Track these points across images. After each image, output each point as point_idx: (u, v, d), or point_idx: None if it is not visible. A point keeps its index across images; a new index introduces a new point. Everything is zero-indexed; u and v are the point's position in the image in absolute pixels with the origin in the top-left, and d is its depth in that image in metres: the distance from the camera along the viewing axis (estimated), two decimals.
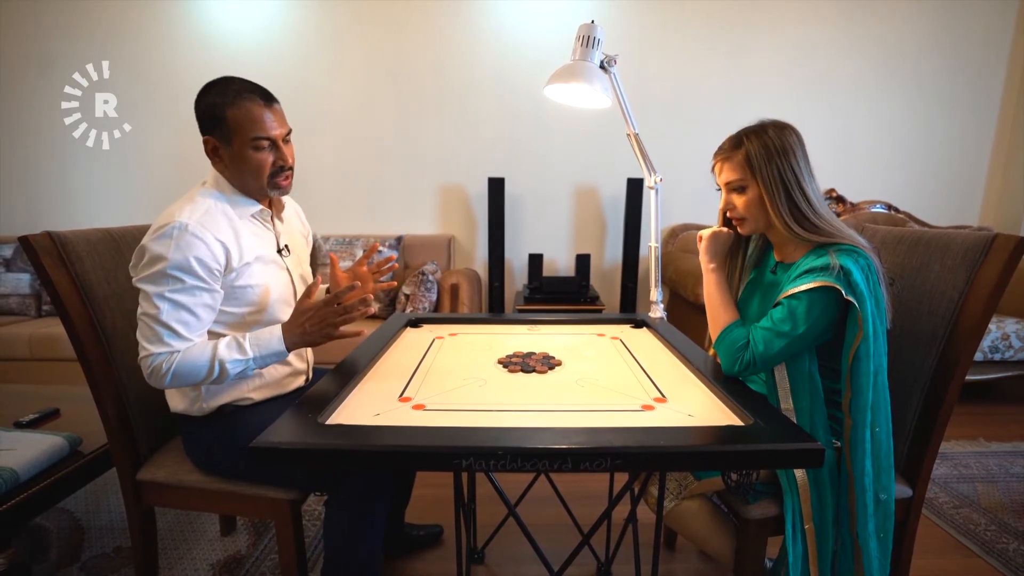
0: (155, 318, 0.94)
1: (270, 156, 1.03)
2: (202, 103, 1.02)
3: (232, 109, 0.99)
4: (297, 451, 0.72)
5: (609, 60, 1.24)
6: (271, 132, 1.02)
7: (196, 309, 0.97)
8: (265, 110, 1.02)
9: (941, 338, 1.02)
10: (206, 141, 1.03)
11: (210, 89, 1.03)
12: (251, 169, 1.03)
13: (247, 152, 1.01)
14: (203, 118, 1.02)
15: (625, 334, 1.36)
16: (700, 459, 0.75)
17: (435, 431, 0.77)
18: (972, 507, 1.66)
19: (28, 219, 3.01)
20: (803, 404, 0.99)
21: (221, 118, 1.00)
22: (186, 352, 0.96)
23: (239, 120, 0.99)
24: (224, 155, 1.03)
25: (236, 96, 1.00)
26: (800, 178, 0.98)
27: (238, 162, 1.03)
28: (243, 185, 1.07)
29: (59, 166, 2.99)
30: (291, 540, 1.06)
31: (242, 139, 1.00)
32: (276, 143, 1.03)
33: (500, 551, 1.46)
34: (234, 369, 0.98)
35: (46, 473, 1.13)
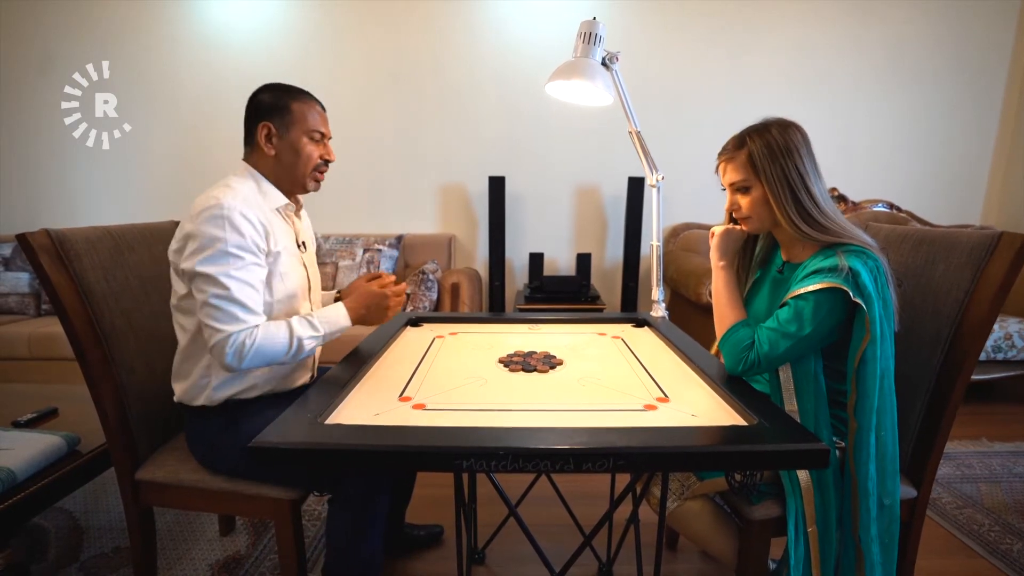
0: (227, 297, 0.95)
1: (318, 149, 1.12)
2: (265, 94, 1.09)
3: (298, 103, 1.09)
4: (296, 451, 0.72)
5: (611, 57, 1.23)
6: (326, 129, 1.13)
7: (258, 285, 1.01)
8: (322, 111, 1.14)
9: (946, 338, 1.01)
10: (262, 126, 1.07)
11: (274, 86, 1.10)
12: (302, 157, 1.09)
13: (303, 140, 1.09)
14: (263, 106, 1.08)
15: (627, 333, 1.36)
16: (703, 460, 0.75)
17: (435, 431, 0.77)
18: (975, 507, 1.65)
19: (28, 219, 3.01)
20: (807, 405, 0.98)
21: (286, 107, 1.07)
22: (264, 329, 0.98)
23: (303, 112, 1.09)
24: (276, 142, 1.08)
25: (302, 94, 1.11)
26: (805, 177, 0.97)
27: (290, 150, 1.09)
28: (285, 173, 1.11)
29: (59, 166, 2.98)
30: (291, 540, 1.05)
31: (302, 128, 1.08)
32: (325, 139, 1.14)
33: (501, 551, 1.45)
34: (309, 345, 1.03)
35: (44, 473, 1.12)
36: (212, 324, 0.96)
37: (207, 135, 2.91)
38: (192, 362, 1.07)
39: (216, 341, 0.96)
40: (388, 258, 2.64)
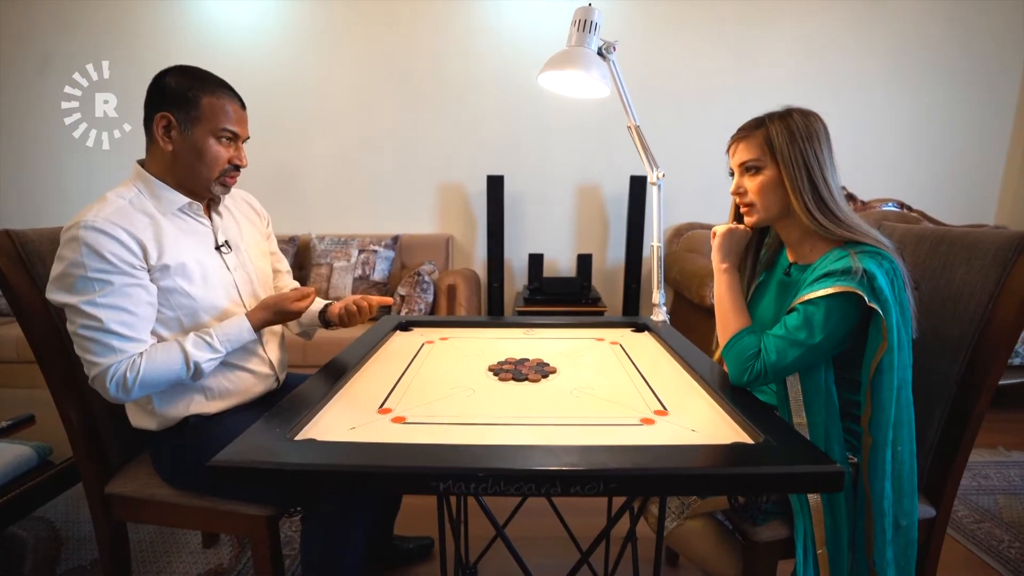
0: (97, 328, 0.86)
1: (228, 151, 1.00)
2: (171, 80, 0.96)
3: (209, 97, 0.96)
4: (260, 471, 0.66)
5: (608, 47, 1.16)
6: (241, 128, 1.01)
7: (135, 308, 0.90)
8: (240, 109, 1.01)
9: (968, 345, 0.94)
10: (161, 117, 0.94)
11: (185, 71, 0.98)
12: (207, 159, 0.97)
13: (208, 141, 0.97)
14: (167, 94, 0.94)
15: (625, 339, 1.29)
16: (703, 483, 0.68)
17: (413, 448, 0.70)
18: (994, 521, 1.58)
19: (28, 219, 2.97)
20: (817, 418, 0.91)
21: (194, 101, 0.95)
22: (149, 356, 0.90)
23: (214, 108, 0.96)
24: (177, 138, 0.96)
25: (217, 87, 0.99)
26: (824, 166, 0.91)
27: (193, 149, 0.96)
28: (184, 175, 0.99)
29: (59, 166, 2.96)
30: (267, 558, 0.99)
31: (209, 127, 0.96)
32: (238, 141, 1.02)
33: (493, 566, 1.38)
34: (209, 367, 0.95)
35: (13, 484, 1.07)
36: (87, 357, 0.88)
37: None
38: None
39: (94, 375, 0.88)
40: (384, 259, 2.58)
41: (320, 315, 1.20)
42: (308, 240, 2.67)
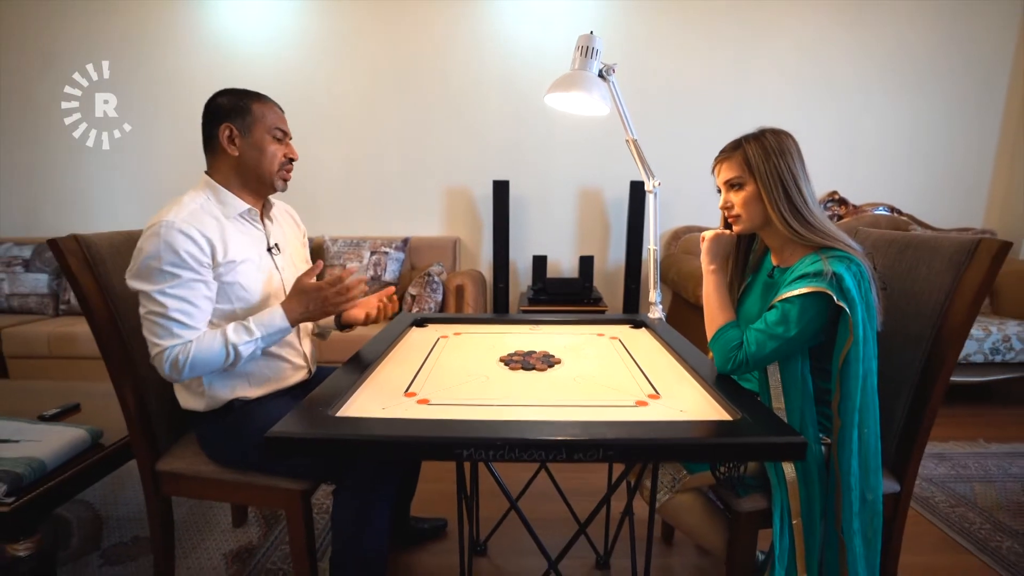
0: (162, 314, 1.00)
1: (282, 148, 1.15)
2: (222, 98, 1.11)
3: (257, 103, 1.12)
4: (309, 441, 0.77)
5: (608, 69, 1.28)
6: (286, 127, 1.16)
7: (196, 300, 1.03)
8: (280, 112, 1.17)
9: (928, 339, 1.05)
10: (224, 128, 1.09)
11: (230, 91, 1.13)
12: (267, 155, 1.12)
13: (266, 139, 1.12)
14: (223, 109, 1.10)
15: (624, 334, 1.40)
16: (687, 451, 0.80)
17: (438, 423, 0.82)
18: (968, 506, 1.69)
19: (28, 219, 3.06)
20: (794, 403, 1.02)
21: (246, 108, 1.10)
22: (198, 342, 1.02)
23: (263, 112, 1.12)
24: (239, 143, 1.10)
25: (259, 96, 1.14)
26: (797, 178, 1.02)
27: (254, 150, 1.11)
28: (251, 173, 1.13)
29: (59, 166, 3.01)
30: (301, 528, 1.11)
31: (264, 127, 1.11)
32: (287, 138, 1.17)
33: (502, 543, 1.50)
34: (246, 351, 1.05)
35: (70, 464, 1.19)
36: (151, 339, 1.01)
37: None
38: None
39: (154, 355, 1.02)
40: (395, 260, 2.70)
41: (336, 318, 1.33)
42: (322, 242, 2.79)
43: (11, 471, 1.06)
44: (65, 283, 2.70)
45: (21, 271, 2.69)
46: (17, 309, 2.68)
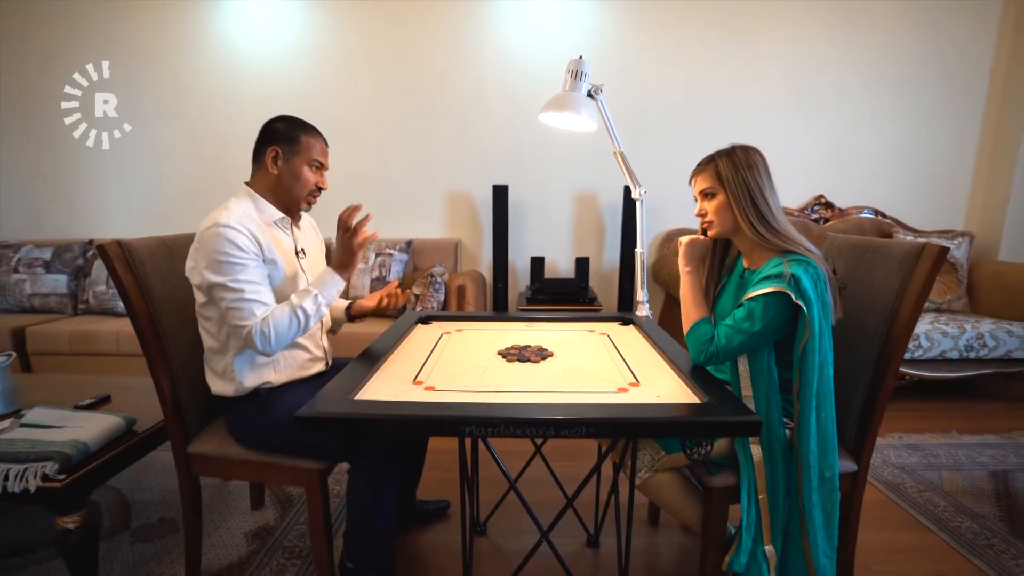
0: (241, 298, 1.13)
1: (315, 177, 1.30)
2: (279, 123, 1.28)
3: (306, 135, 1.27)
4: (333, 419, 0.90)
5: (596, 89, 1.40)
6: (325, 161, 1.31)
7: (262, 281, 1.18)
8: (325, 146, 1.32)
9: (882, 333, 1.17)
10: (271, 149, 1.25)
11: (288, 118, 1.30)
12: (300, 181, 1.27)
13: (303, 167, 1.27)
14: (276, 133, 1.26)
15: (613, 331, 1.53)
16: (658, 428, 0.92)
17: (443, 405, 0.94)
18: (935, 491, 1.81)
19: (29, 219, 3.15)
20: (761, 391, 1.14)
21: (296, 138, 1.26)
22: (272, 314, 1.16)
23: (309, 143, 1.27)
24: (281, 166, 1.26)
25: (311, 129, 1.30)
26: (763, 188, 1.14)
27: (291, 174, 1.26)
28: (283, 193, 1.28)
29: (59, 166, 3.07)
30: (319, 505, 1.23)
31: (305, 157, 1.27)
32: (323, 169, 1.32)
33: (500, 525, 1.62)
34: (311, 308, 1.19)
35: (109, 447, 1.31)
36: (237, 323, 1.15)
37: (208, 134, 3.06)
38: (218, 359, 1.26)
39: (245, 335, 1.15)
40: (399, 261, 2.82)
41: (346, 310, 1.49)
42: (329, 244, 2.91)
43: (61, 452, 1.19)
44: (83, 283, 2.82)
45: (42, 272, 2.82)
46: (38, 308, 2.81)
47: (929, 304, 2.84)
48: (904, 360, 2.46)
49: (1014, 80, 2.95)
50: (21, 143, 3.09)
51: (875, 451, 2.10)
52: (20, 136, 3.08)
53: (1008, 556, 1.47)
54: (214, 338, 1.24)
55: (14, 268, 2.82)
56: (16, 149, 3.10)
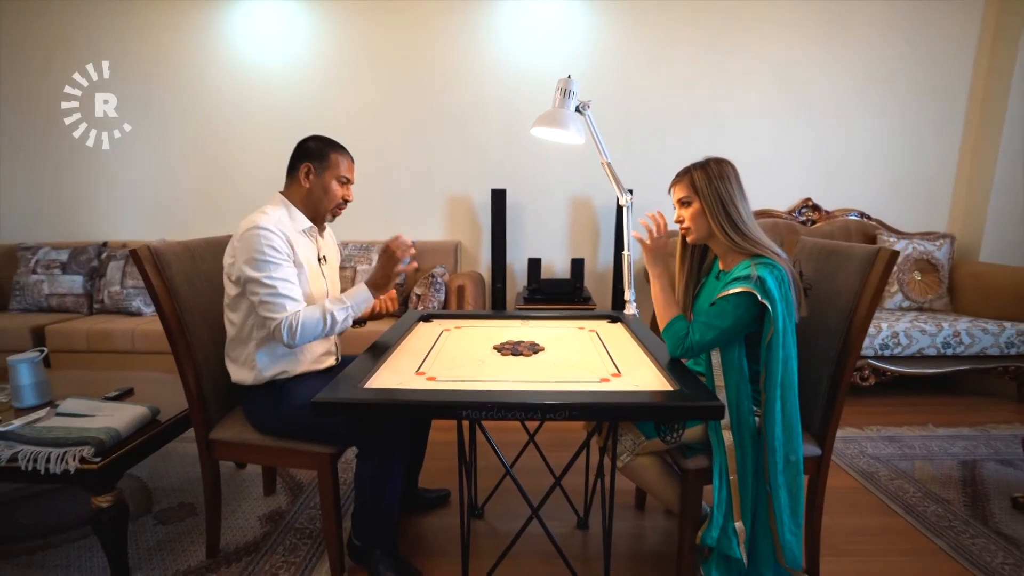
0: (274, 292, 1.27)
1: (342, 191, 1.44)
2: (312, 142, 1.42)
3: (336, 153, 1.42)
4: (346, 404, 1.01)
5: (583, 105, 1.52)
6: (351, 176, 1.46)
7: (294, 280, 1.32)
8: (351, 163, 1.47)
9: (842, 330, 1.29)
10: (304, 165, 1.40)
11: (320, 137, 1.44)
12: (329, 195, 1.42)
13: (332, 182, 1.41)
14: (309, 151, 1.41)
15: (601, 328, 1.64)
16: (635, 411, 1.04)
17: (443, 392, 1.06)
18: (906, 479, 1.92)
19: (29, 219, 3.24)
20: (732, 382, 1.26)
21: (326, 155, 1.40)
22: (304, 312, 1.29)
23: (338, 161, 1.42)
24: (312, 179, 1.40)
25: (339, 147, 1.45)
26: (734, 197, 1.25)
27: (320, 188, 1.41)
28: (312, 205, 1.42)
29: (59, 166, 3.13)
30: (330, 486, 1.35)
31: (334, 173, 1.41)
32: (349, 184, 1.46)
33: (496, 509, 1.74)
34: (340, 316, 1.33)
35: (137, 434, 1.43)
36: (268, 315, 1.27)
37: (207, 134, 3.15)
38: (240, 349, 1.38)
39: (274, 327, 1.27)
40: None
41: None
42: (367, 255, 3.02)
43: (96, 437, 1.31)
44: (99, 284, 2.94)
45: (59, 273, 2.94)
46: (56, 308, 2.93)
47: (911, 303, 2.96)
48: (884, 357, 2.60)
49: (993, 87, 3.06)
50: (21, 143, 3.12)
51: (854, 442, 2.22)
52: (20, 136, 3.11)
53: (966, 536, 1.58)
54: (238, 329, 1.37)
55: (32, 269, 2.94)
56: (16, 149, 3.12)
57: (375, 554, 1.38)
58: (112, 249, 3.03)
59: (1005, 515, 1.69)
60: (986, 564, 1.46)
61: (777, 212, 3.23)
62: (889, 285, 2.97)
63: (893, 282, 2.97)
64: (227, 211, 3.24)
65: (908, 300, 2.96)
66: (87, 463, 1.27)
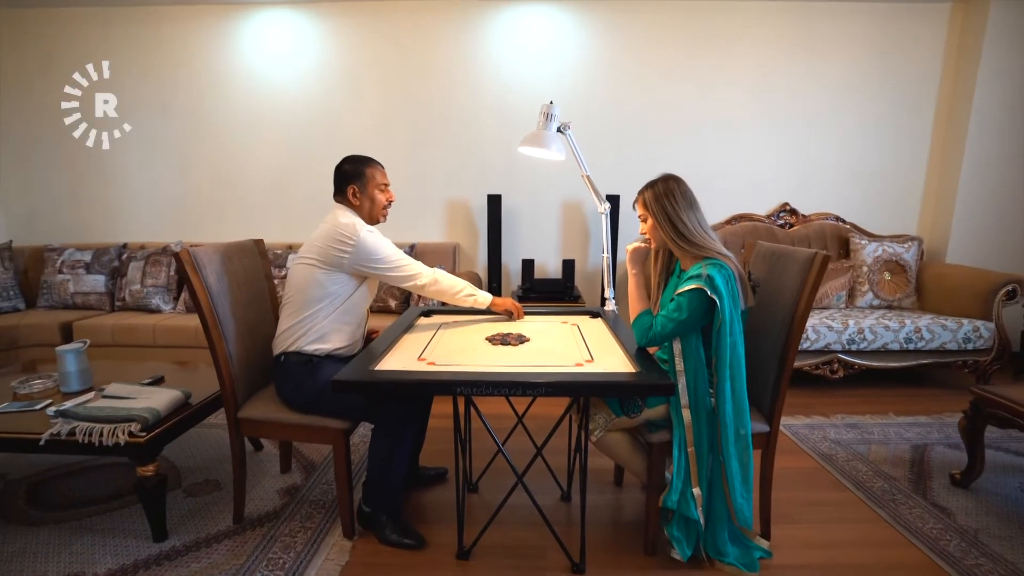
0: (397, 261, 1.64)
1: (385, 195, 1.70)
2: (347, 165, 1.67)
3: (369, 168, 1.67)
4: (360, 383, 1.22)
5: (564, 126, 1.72)
6: (387, 180, 1.71)
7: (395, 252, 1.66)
8: (383, 170, 1.71)
9: (787, 323, 1.49)
10: (351, 188, 1.65)
11: (351, 158, 1.69)
12: (378, 202, 1.68)
13: (376, 191, 1.67)
14: (349, 174, 1.65)
15: (583, 322, 1.85)
16: (601, 388, 1.25)
17: (441, 373, 1.27)
18: (861, 460, 2.12)
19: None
20: (690, 366, 1.46)
21: (363, 172, 1.65)
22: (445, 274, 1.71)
23: (373, 173, 1.67)
24: (360, 195, 1.66)
25: (370, 161, 1.69)
26: (679, 211, 1.45)
27: (369, 200, 1.67)
28: (367, 214, 1.69)
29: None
30: (343, 457, 1.55)
31: (375, 184, 1.67)
32: (388, 187, 1.71)
33: (489, 484, 1.94)
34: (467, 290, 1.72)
35: (174, 414, 1.63)
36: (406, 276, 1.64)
37: (209, 134, 3.33)
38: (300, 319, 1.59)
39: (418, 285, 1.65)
40: None
41: None
42: None
43: (142, 415, 1.51)
44: (120, 283, 3.14)
45: (83, 273, 3.14)
46: (80, 305, 3.13)
47: (881, 302, 3.16)
48: (852, 351, 2.81)
49: (959, 99, 3.26)
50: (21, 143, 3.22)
51: (819, 429, 2.42)
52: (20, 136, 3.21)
53: (905, 507, 1.78)
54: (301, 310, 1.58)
55: (58, 269, 3.14)
56: (16, 149, 3.20)
57: (382, 519, 1.59)
58: (131, 250, 3.24)
59: (943, 489, 1.90)
60: (918, 529, 1.66)
61: (757, 216, 3.43)
62: (860, 284, 3.18)
63: (864, 281, 3.18)
64: (233, 214, 3.46)
65: (878, 299, 3.16)
66: (135, 437, 1.48)
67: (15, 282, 3.13)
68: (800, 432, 2.38)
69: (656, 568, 1.51)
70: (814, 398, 2.79)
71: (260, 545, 1.58)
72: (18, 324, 2.86)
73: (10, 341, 2.81)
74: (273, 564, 1.50)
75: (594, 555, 1.54)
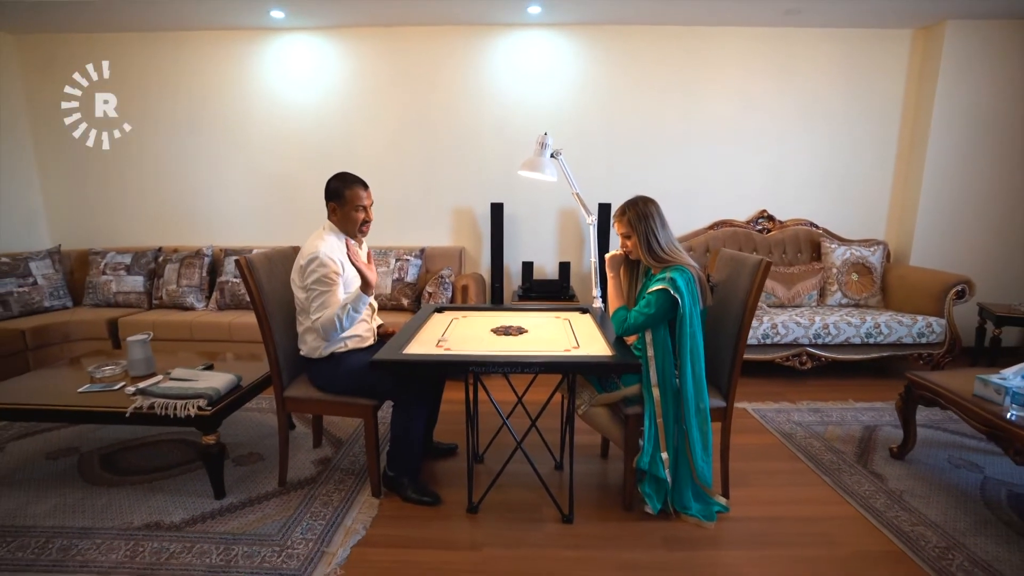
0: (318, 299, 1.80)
1: (361, 215, 1.91)
2: (333, 182, 1.90)
3: (348, 190, 1.89)
4: (395, 362, 1.54)
5: (556, 152, 2.04)
6: (364, 203, 1.92)
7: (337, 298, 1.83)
8: (363, 192, 1.91)
9: (739, 317, 1.80)
10: (330, 204, 1.89)
11: (339, 176, 1.91)
12: (350, 221, 1.90)
13: (351, 211, 1.89)
14: (330, 190, 1.89)
15: (574, 317, 2.17)
16: (581, 367, 1.57)
17: (456, 356, 1.59)
18: (816, 438, 2.44)
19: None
20: (659, 354, 1.77)
21: (342, 193, 1.88)
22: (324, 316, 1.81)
23: (351, 196, 1.89)
24: (338, 212, 1.89)
25: (352, 183, 1.91)
26: (655, 231, 1.76)
27: (344, 218, 1.90)
28: (344, 229, 1.92)
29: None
30: (372, 430, 1.87)
31: (351, 205, 1.89)
32: (366, 209, 1.92)
33: (494, 455, 2.26)
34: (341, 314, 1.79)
35: (229, 394, 1.95)
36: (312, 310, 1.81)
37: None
38: (308, 336, 1.89)
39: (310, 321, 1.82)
40: (414, 266, 3.46)
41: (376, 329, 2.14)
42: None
43: (206, 393, 1.83)
44: (157, 283, 3.47)
45: (124, 274, 3.46)
46: (122, 304, 3.45)
47: (848, 300, 3.47)
48: (818, 345, 3.12)
49: (920, 117, 3.57)
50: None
51: (784, 413, 2.73)
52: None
53: (847, 475, 2.10)
54: (307, 325, 1.88)
55: (102, 271, 3.47)
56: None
57: (403, 481, 1.91)
58: (166, 253, 3.56)
59: (882, 460, 2.21)
60: (854, 491, 1.98)
61: (737, 222, 3.75)
62: (829, 284, 3.49)
63: (833, 282, 3.49)
64: (283, 222, 3.78)
65: (846, 298, 3.48)
66: (202, 411, 1.80)
67: (64, 282, 3.45)
68: (767, 415, 2.70)
69: (632, 520, 1.82)
70: (784, 387, 3.10)
71: (303, 502, 1.90)
72: (69, 320, 3.18)
73: (63, 335, 3.14)
74: (315, 516, 1.82)
75: (581, 509, 1.86)
